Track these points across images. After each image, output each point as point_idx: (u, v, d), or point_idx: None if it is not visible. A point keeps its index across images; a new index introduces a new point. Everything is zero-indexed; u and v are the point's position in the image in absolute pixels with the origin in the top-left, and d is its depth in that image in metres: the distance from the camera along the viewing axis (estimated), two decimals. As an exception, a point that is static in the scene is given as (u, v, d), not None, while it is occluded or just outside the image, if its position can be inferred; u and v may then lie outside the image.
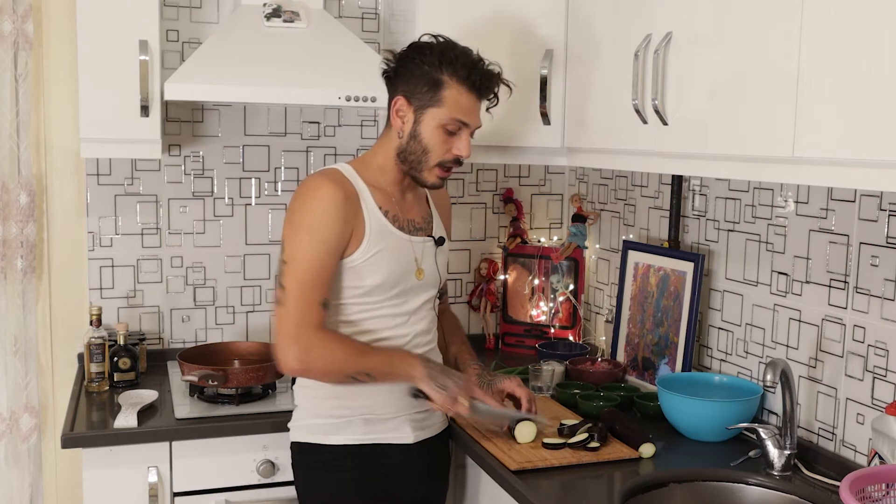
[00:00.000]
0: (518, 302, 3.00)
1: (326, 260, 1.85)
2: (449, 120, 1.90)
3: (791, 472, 1.90)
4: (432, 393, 1.88)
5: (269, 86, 2.33)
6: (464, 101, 1.90)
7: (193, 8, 2.69)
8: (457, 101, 1.89)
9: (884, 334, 1.83)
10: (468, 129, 1.93)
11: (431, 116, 1.90)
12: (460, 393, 1.90)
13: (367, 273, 1.91)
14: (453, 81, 1.89)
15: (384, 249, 1.92)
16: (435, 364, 1.95)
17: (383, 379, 1.89)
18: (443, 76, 1.89)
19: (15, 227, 2.55)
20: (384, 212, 1.95)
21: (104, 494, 2.18)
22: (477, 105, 1.94)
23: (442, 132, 1.91)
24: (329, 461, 1.96)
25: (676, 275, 2.42)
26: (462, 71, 1.89)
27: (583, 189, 3.02)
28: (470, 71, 1.89)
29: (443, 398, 1.88)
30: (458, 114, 1.90)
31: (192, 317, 2.78)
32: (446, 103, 1.89)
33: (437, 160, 1.93)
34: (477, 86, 1.91)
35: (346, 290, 1.92)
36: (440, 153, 1.92)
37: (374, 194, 1.94)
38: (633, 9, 2.03)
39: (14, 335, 2.57)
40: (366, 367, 1.86)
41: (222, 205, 2.78)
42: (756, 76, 1.64)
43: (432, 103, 1.90)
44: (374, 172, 1.98)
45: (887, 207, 1.82)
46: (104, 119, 2.33)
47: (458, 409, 1.90)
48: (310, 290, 1.83)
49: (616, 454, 1.97)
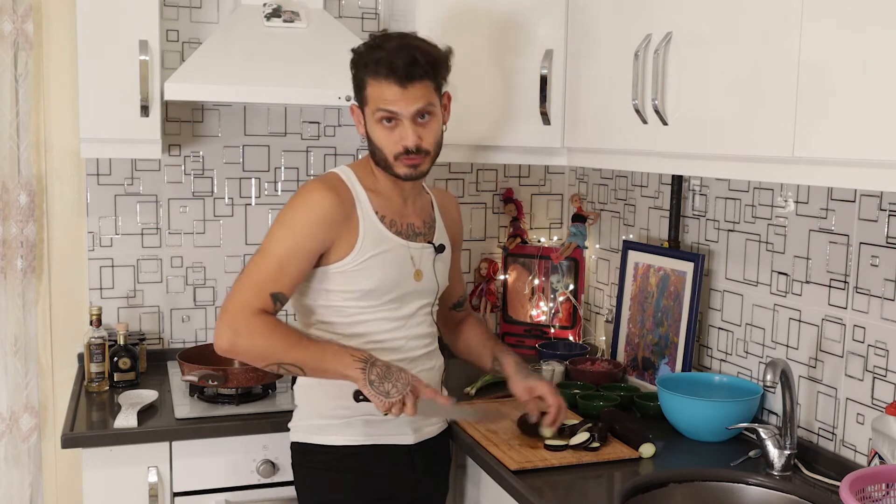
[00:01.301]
0: (518, 302, 3.00)
1: (294, 259, 1.86)
2: (378, 113, 1.89)
3: (791, 472, 1.90)
4: (373, 399, 1.82)
5: (269, 86, 2.33)
6: (384, 91, 1.87)
7: (193, 8, 2.69)
8: (377, 93, 1.88)
9: (884, 334, 1.83)
10: (403, 117, 1.88)
11: (369, 115, 1.92)
12: (404, 397, 1.82)
13: (361, 277, 1.91)
14: (369, 78, 1.89)
15: (379, 254, 1.91)
16: (377, 367, 1.83)
17: (315, 374, 1.87)
18: (363, 76, 1.90)
19: (15, 227, 2.55)
20: (381, 216, 1.94)
21: (104, 494, 2.18)
22: (403, 91, 1.86)
23: (382, 127, 1.90)
24: (329, 461, 1.96)
25: (676, 275, 2.42)
26: (372, 66, 1.87)
27: (583, 189, 3.02)
28: (378, 61, 1.87)
29: (385, 405, 1.82)
30: (381, 104, 1.88)
31: (192, 317, 2.78)
32: (371, 99, 1.90)
33: (391, 154, 1.91)
34: (389, 70, 1.86)
35: (340, 293, 1.92)
36: (391, 147, 1.90)
37: (371, 199, 1.94)
38: (633, 9, 2.03)
39: (14, 335, 2.57)
40: (294, 358, 1.84)
41: (222, 205, 2.78)
42: (756, 76, 1.64)
43: (364, 103, 1.92)
44: (371, 176, 1.98)
45: (887, 207, 1.82)
46: (104, 119, 2.33)
47: (406, 412, 1.83)
48: (265, 280, 1.85)
49: (616, 454, 1.97)
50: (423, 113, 1.89)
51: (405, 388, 1.82)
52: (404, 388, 1.82)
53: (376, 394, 1.81)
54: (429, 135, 1.91)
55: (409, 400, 1.82)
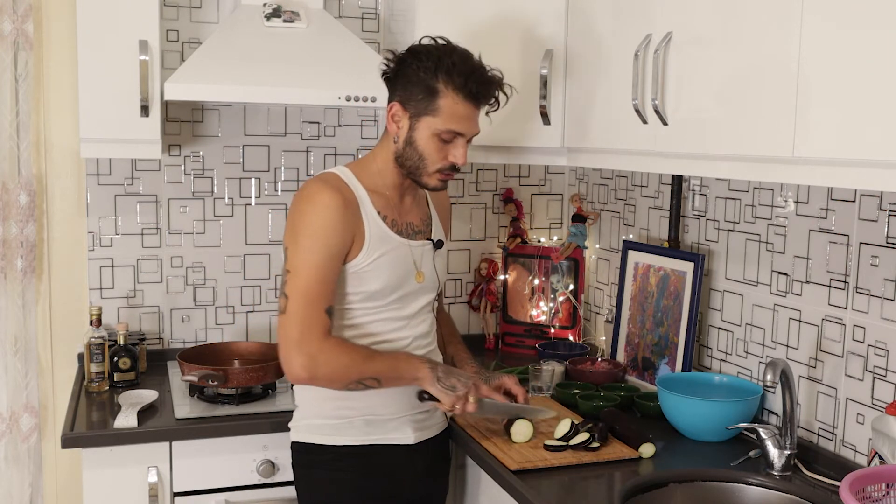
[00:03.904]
0: (518, 302, 3.00)
1: (329, 266, 1.83)
2: (444, 130, 1.87)
3: (791, 472, 1.90)
4: (440, 395, 1.88)
5: (269, 86, 2.33)
6: (460, 109, 1.86)
7: (193, 8, 2.69)
8: (452, 110, 1.85)
9: (884, 334, 1.83)
10: (464, 137, 1.90)
11: (426, 125, 1.87)
12: (468, 392, 1.90)
13: (369, 278, 1.91)
14: (449, 90, 1.85)
15: (384, 255, 1.91)
16: (440, 365, 1.95)
17: (390, 383, 1.90)
18: (438, 84, 1.85)
19: (15, 227, 2.55)
20: (383, 217, 1.94)
21: (104, 494, 2.18)
22: (474, 113, 1.90)
23: (437, 140, 1.88)
24: (330, 461, 1.96)
25: (676, 275, 2.42)
26: (459, 79, 1.84)
27: (583, 189, 3.02)
28: (467, 79, 1.84)
29: (451, 399, 1.89)
30: (453, 124, 1.86)
31: (192, 317, 2.78)
32: (442, 113, 1.86)
33: (434, 167, 1.91)
34: (474, 94, 1.87)
35: (348, 294, 1.92)
36: (436, 160, 1.90)
37: (372, 199, 1.94)
38: (633, 9, 2.03)
39: (14, 335, 2.57)
40: (372, 372, 1.85)
41: (222, 205, 2.78)
42: (756, 76, 1.64)
43: (427, 112, 1.86)
44: (372, 176, 1.97)
45: (887, 207, 1.82)
46: (104, 119, 2.33)
47: (468, 408, 1.91)
48: (314, 298, 1.82)
49: (616, 454, 1.97)
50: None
51: (468, 381, 1.91)
52: (468, 381, 1.91)
53: (444, 389, 1.88)
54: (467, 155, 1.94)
55: (472, 395, 1.90)
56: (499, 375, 2.11)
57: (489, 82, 1.89)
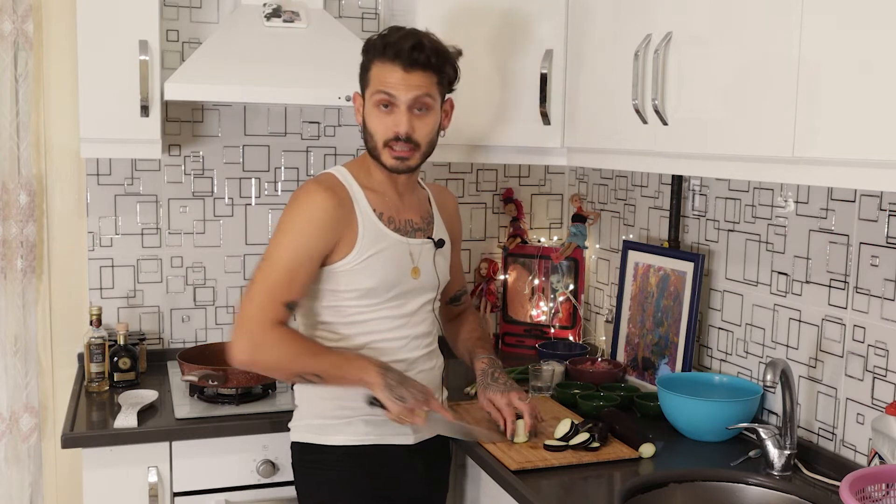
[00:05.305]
0: (518, 302, 3.00)
1: (301, 264, 1.86)
2: (376, 94, 1.90)
3: (791, 472, 1.90)
4: (388, 403, 1.84)
5: (269, 86, 2.33)
6: (386, 73, 1.88)
7: (193, 8, 2.69)
8: (379, 75, 1.89)
9: (884, 334, 1.83)
10: (401, 102, 1.88)
11: (368, 99, 1.93)
12: (417, 405, 1.85)
13: (362, 276, 1.91)
14: (375, 59, 1.91)
15: (378, 252, 1.92)
16: (394, 372, 1.88)
17: (334, 381, 1.89)
18: (369, 59, 1.92)
19: (15, 227, 2.55)
20: (378, 214, 1.94)
21: (104, 494, 2.18)
22: (407, 77, 1.87)
23: (378, 111, 1.91)
24: (329, 461, 1.96)
25: (676, 275, 2.42)
26: (380, 49, 1.89)
27: (583, 189, 3.02)
28: (386, 45, 1.89)
29: (399, 409, 1.84)
30: (381, 86, 1.89)
31: (192, 317, 2.78)
32: (372, 80, 1.91)
33: (381, 140, 1.92)
34: (395, 53, 1.87)
35: (342, 293, 1.92)
36: (382, 132, 1.91)
37: (368, 197, 1.95)
38: (633, 9, 2.03)
39: (14, 335, 2.57)
40: (313, 368, 1.85)
41: (222, 205, 2.78)
42: (756, 76, 1.64)
43: (366, 87, 1.94)
44: (368, 174, 1.99)
45: (887, 207, 1.82)
46: (104, 119, 2.33)
47: (415, 421, 1.86)
48: (275, 289, 1.85)
49: (616, 454, 1.97)
50: (421, 105, 1.90)
51: (420, 395, 1.86)
52: (419, 394, 1.86)
53: (392, 397, 1.83)
54: (423, 128, 1.91)
55: (421, 409, 1.85)
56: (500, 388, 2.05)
57: (406, 39, 1.88)
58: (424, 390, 1.90)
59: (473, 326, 2.26)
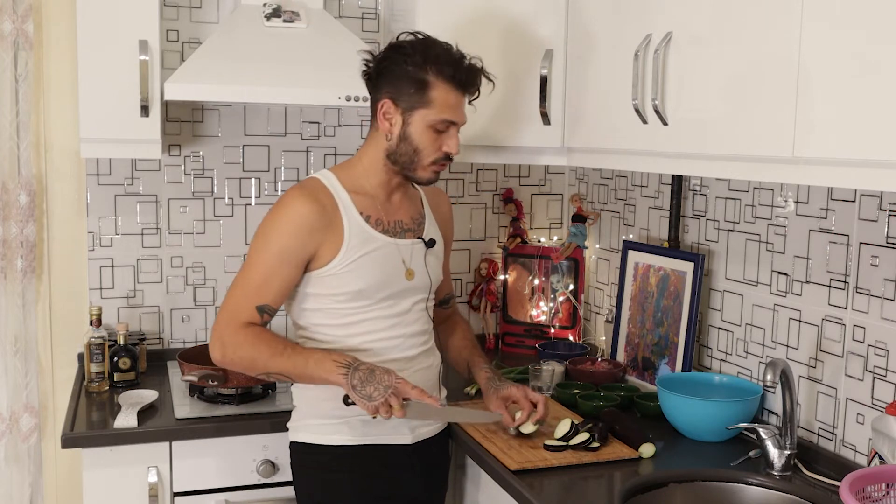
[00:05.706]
0: (518, 302, 3.00)
1: (278, 270, 1.88)
2: (439, 120, 1.90)
3: (791, 472, 1.90)
4: (359, 403, 1.82)
5: (269, 86, 2.33)
6: (451, 99, 1.90)
7: (193, 8, 2.69)
8: (445, 100, 1.89)
9: (884, 334, 1.83)
10: (456, 126, 1.94)
11: (420, 117, 1.90)
12: (388, 399, 1.81)
13: (350, 278, 1.91)
14: (440, 81, 1.88)
15: (367, 254, 1.92)
16: (359, 371, 1.82)
17: (302, 380, 1.91)
18: (429, 76, 1.88)
19: (15, 227, 2.55)
20: (366, 217, 1.94)
21: (104, 494, 2.18)
22: (462, 101, 1.94)
23: (431, 132, 1.91)
24: (327, 461, 1.96)
25: (676, 275, 2.42)
26: (447, 69, 1.88)
27: (583, 189, 3.02)
28: (455, 69, 1.89)
29: (370, 408, 1.82)
30: (447, 114, 1.90)
31: (192, 317, 2.78)
32: (435, 104, 1.89)
33: (429, 159, 1.93)
34: (462, 83, 1.91)
35: (331, 296, 1.92)
36: (431, 152, 1.92)
37: (354, 200, 1.94)
38: (633, 9, 2.03)
39: (14, 335, 2.57)
40: (278, 368, 1.87)
41: (222, 205, 2.78)
42: (756, 76, 1.64)
43: (421, 104, 1.89)
44: (357, 177, 1.98)
45: (887, 207, 1.82)
46: (104, 119, 2.33)
47: (395, 415, 1.82)
48: (250, 293, 1.88)
49: (616, 454, 1.97)
50: None
51: (387, 390, 1.80)
52: (385, 391, 1.80)
53: (360, 398, 1.81)
54: None
55: (394, 402, 1.81)
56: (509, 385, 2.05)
57: (475, 71, 1.95)
58: (392, 382, 1.81)
59: (465, 334, 2.26)
